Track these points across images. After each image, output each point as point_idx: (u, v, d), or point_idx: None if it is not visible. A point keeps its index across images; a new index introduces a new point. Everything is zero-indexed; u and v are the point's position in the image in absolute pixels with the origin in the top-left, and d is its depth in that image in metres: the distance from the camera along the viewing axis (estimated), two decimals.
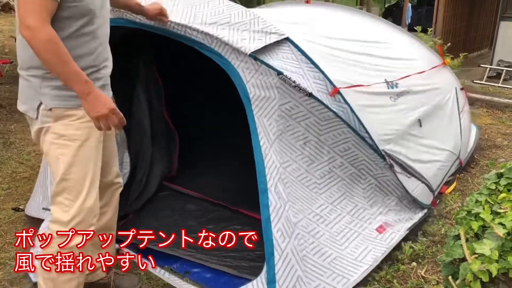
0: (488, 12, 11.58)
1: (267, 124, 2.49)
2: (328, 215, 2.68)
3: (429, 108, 3.61)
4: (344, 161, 2.78)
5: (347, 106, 2.71)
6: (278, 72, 2.48)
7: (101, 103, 1.88)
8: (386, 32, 4.04)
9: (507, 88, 8.05)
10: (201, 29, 2.53)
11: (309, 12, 3.91)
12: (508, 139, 4.98)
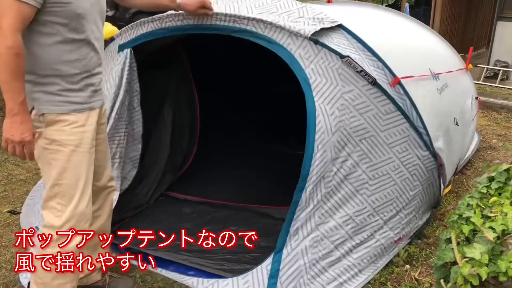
0: (485, 12, 11.62)
1: (329, 113, 2.34)
2: (364, 221, 2.55)
3: (460, 108, 3.59)
4: (401, 163, 2.60)
5: (407, 98, 2.57)
6: (342, 56, 2.32)
7: (19, 129, 1.83)
8: (413, 28, 4.02)
9: (504, 88, 8.07)
10: (252, 16, 2.41)
11: (336, 10, 3.89)
12: (503, 140, 5.00)
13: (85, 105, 2.05)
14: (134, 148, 3.18)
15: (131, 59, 2.90)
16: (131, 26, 2.85)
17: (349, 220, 2.51)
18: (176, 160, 3.70)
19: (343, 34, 2.54)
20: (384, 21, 3.78)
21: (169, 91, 3.52)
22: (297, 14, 2.53)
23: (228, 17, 2.48)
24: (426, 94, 2.93)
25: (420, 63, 3.10)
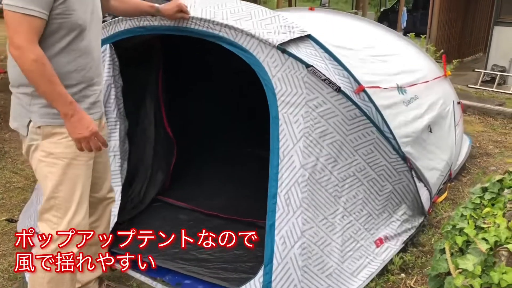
0: (482, 17, 11.67)
1: (293, 121, 2.42)
2: (339, 222, 2.62)
3: (435, 116, 3.65)
4: (366, 164, 2.70)
5: (372, 105, 2.66)
6: (307, 65, 2.40)
7: (83, 126, 1.89)
8: (389, 40, 4.11)
9: (501, 92, 8.11)
10: (224, 23, 2.49)
11: (314, 18, 3.94)
12: (499, 146, 5.02)
13: None
14: (123, 142, 3.21)
15: (111, 53, 2.94)
16: (109, 22, 2.90)
17: (327, 223, 2.57)
18: (162, 156, 3.70)
19: (311, 43, 2.62)
20: (358, 33, 3.86)
21: (150, 86, 3.54)
22: (269, 23, 2.60)
23: (202, 22, 2.55)
24: (392, 105, 3.01)
25: (388, 77, 3.19)
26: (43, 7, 1.79)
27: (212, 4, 2.70)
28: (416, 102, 3.39)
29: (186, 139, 3.96)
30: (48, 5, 1.81)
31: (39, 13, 1.78)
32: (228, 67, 3.62)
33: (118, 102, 3.05)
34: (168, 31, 2.67)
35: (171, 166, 3.81)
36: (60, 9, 1.84)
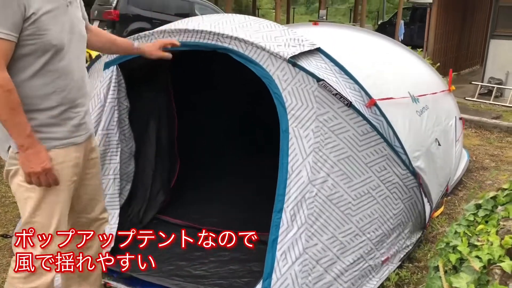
0: (478, 30, 11.77)
1: (303, 135, 2.39)
2: (350, 241, 2.56)
3: (441, 130, 3.65)
4: (380, 182, 2.62)
5: (383, 118, 2.63)
6: (318, 79, 2.37)
7: (38, 161, 1.81)
8: (396, 50, 4.13)
9: (498, 105, 8.16)
10: (234, 35, 2.47)
11: (320, 32, 3.98)
12: (496, 160, 5.03)
13: (65, 141, 1.94)
14: (128, 163, 3.20)
15: (117, 75, 2.94)
16: None
17: (335, 242, 2.52)
18: (162, 177, 3.70)
19: (321, 57, 2.61)
20: (366, 44, 3.87)
21: (154, 107, 3.54)
22: (279, 35, 2.60)
23: (212, 35, 2.54)
24: (404, 116, 3.00)
25: (400, 86, 3.18)
26: (10, 29, 1.70)
27: (220, 20, 2.70)
28: (427, 112, 3.38)
29: (188, 154, 3.96)
30: (16, 26, 1.71)
31: (6, 35, 1.70)
32: (235, 80, 3.63)
33: (122, 125, 3.03)
34: (176, 47, 2.62)
35: (172, 184, 3.81)
36: (30, 30, 1.75)
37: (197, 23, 2.75)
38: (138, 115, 3.32)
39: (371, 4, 25.72)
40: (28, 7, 1.73)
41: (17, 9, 1.70)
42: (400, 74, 3.39)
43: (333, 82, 2.48)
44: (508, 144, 5.66)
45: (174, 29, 2.69)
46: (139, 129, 3.40)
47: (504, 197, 2.28)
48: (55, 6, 1.83)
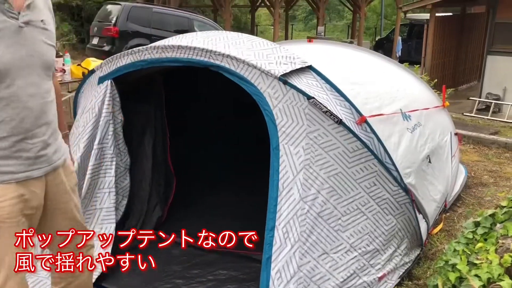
0: (475, 46, 11.86)
1: (294, 152, 2.40)
2: (342, 257, 2.55)
3: (434, 146, 3.64)
4: (370, 198, 2.64)
5: (374, 135, 2.64)
6: (309, 96, 2.40)
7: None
8: (389, 68, 4.15)
9: (496, 120, 8.17)
10: (226, 53, 2.49)
11: (314, 50, 4.00)
12: (494, 176, 5.01)
13: (17, 175, 1.74)
14: (123, 178, 3.19)
15: (112, 90, 2.95)
16: (111, 58, 2.92)
17: (327, 258, 2.51)
18: (159, 192, 3.68)
19: (312, 74, 2.64)
20: (358, 62, 3.90)
21: (149, 121, 3.55)
22: (270, 53, 2.62)
23: (204, 52, 2.56)
24: (395, 133, 3.01)
25: (391, 103, 3.19)
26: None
27: (213, 37, 2.73)
28: (419, 129, 3.39)
29: (182, 170, 3.94)
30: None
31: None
32: (228, 94, 3.64)
33: (117, 138, 3.04)
34: (169, 63, 2.68)
35: (169, 201, 3.78)
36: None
37: (190, 40, 2.77)
38: (133, 129, 3.33)
39: (369, 20, 25.96)
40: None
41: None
42: (392, 92, 3.41)
43: (323, 99, 2.49)
44: (506, 160, 5.64)
45: (168, 45, 2.71)
46: (134, 143, 3.41)
47: (503, 215, 2.26)
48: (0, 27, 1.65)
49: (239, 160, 4.47)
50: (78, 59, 10.11)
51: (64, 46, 12.02)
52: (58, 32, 13.95)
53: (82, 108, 3.08)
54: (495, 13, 8.97)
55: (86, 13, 18.29)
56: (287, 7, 20.06)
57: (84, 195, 2.82)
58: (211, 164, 4.40)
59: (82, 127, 2.94)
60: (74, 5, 17.28)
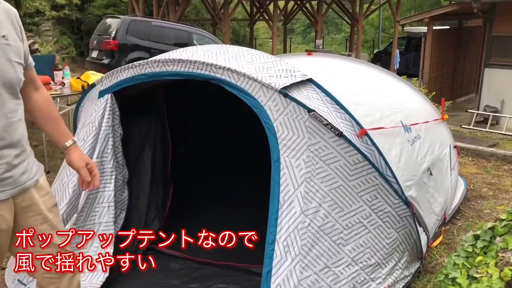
0: (473, 59, 11.95)
1: (295, 165, 2.40)
2: (343, 271, 2.53)
3: (434, 158, 3.64)
4: (372, 211, 2.63)
5: (375, 148, 2.64)
6: (309, 109, 2.40)
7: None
8: (388, 80, 4.17)
9: (494, 132, 8.20)
10: (227, 66, 2.51)
11: (314, 63, 4.03)
12: (493, 189, 5.00)
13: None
14: (122, 191, 3.18)
15: (112, 103, 2.96)
16: (112, 72, 2.92)
17: (329, 272, 2.49)
18: (157, 204, 3.67)
19: (313, 87, 2.65)
20: (358, 74, 3.92)
21: (149, 134, 3.55)
22: (271, 66, 2.63)
23: (205, 66, 2.58)
24: (396, 145, 3.00)
25: (392, 115, 3.20)
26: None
27: (214, 50, 2.74)
28: (419, 141, 3.40)
29: (181, 181, 3.94)
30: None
31: None
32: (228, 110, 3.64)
33: (116, 152, 3.04)
34: (169, 76, 2.69)
35: (166, 210, 3.77)
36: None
37: (191, 53, 2.79)
38: (132, 142, 3.33)
39: (367, 33, 26.14)
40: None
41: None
42: (392, 104, 3.42)
43: (324, 112, 2.50)
44: (505, 172, 5.65)
45: (168, 58, 2.72)
46: (133, 156, 3.40)
47: (502, 228, 2.26)
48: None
49: (240, 173, 4.47)
50: (77, 72, 10.15)
51: (64, 59, 12.06)
52: (58, 45, 14.03)
53: (83, 122, 3.09)
54: (492, 27, 9.06)
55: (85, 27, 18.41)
56: (286, 20, 20.22)
57: (81, 209, 2.82)
58: (211, 177, 4.40)
59: (82, 141, 2.94)
60: (74, 19, 17.39)
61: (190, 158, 4.24)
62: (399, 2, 17.86)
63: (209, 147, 4.49)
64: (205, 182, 4.33)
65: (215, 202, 4.19)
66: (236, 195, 4.27)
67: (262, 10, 17.56)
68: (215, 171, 4.46)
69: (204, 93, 4.04)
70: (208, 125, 4.45)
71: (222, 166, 4.49)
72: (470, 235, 2.33)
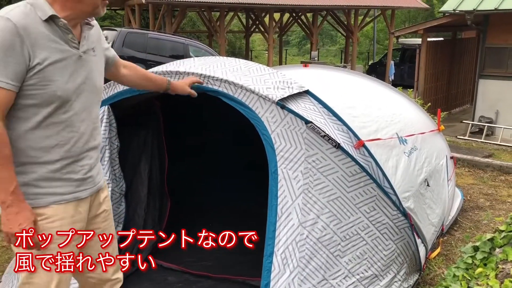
0: (467, 70, 12.05)
1: (292, 177, 2.40)
2: (341, 283, 2.51)
3: (431, 169, 3.64)
4: (369, 223, 2.62)
5: (372, 159, 2.64)
6: (307, 121, 2.40)
7: (17, 221, 1.69)
8: (384, 92, 4.19)
9: (490, 143, 8.23)
10: (224, 78, 2.52)
11: (310, 74, 4.03)
12: (490, 199, 5.00)
13: (66, 196, 1.82)
14: (119, 204, 3.16)
15: (109, 115, 2.95)
16: (108, 84, 2.91)
17: (326, 285, 2.47)
18: (154, 217, 3.64)
19: (310, 99, 2.66)
20: (354, 86, 3.94)
21: (146, 146, 3.54)
22: (268, 78, 2.64)
23: (202, 77, 2.59)
24: (393, 157, 3.01)
25: (388, 127, 3.22)
26: (11, 78, 1.62)
27: (211, 62, 2.75)
28: (415, 153, 3.40)
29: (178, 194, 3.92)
30: (18, 75, 1.63)
31: (6, 84, 1.62)
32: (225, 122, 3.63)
33: (113, 164, 3.03)
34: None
35: (163, 224, 3.74)
36: (35, 79, 1.67)
37: (188, 66, 2.79)
38: (129, 154, 3.31)
39: (361, 45, 26.37)
40: (34, 57, 1.65)
41: (20, 58, 1.63)
42: (389, 115, 3.43)
43: (321, 124, 2.50)
44: (501, 183, 5.66)
45: (166, 71, 2.72)
46: (130, 168, 3.38)
47: (502, 239, 2.25)
48: (64, 56, 1.74)
49: (236, 184, 4.46)
50: None
51: None
52: None
53: None
54: (485, 38, 9.14)
55: None
56: (281, 32, 20.35)
57: None
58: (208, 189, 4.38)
59: None
60: None
61: (187, 169, 4.23)
62: (393, 14, 18.04)
63: (206, 159, 4.48)
64: (203, 192, 4.31)
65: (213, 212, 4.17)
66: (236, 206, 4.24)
67: (258, 22, 17.69)
68: (212, 183, 4.44)
69: (202, 105, 4.04)
70: (206, 137, 4.45)
71: (219, 178, 4.48)
72: (470, 247, 2.32)
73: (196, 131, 4.39)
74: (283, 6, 15.53)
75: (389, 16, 17.96)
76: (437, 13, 18.79)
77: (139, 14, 15.68)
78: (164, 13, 14.26)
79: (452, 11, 8.91)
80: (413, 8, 19.19)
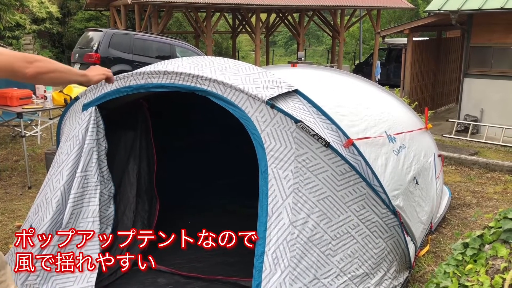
0: (452, 69, 12.18)
1: (282, 176, 2.39)
2: (332, 282, 2.52)
3: (419, 168, 3.66)
4: (359, 221, 2.63)
5: (361, 158, 2.64)
6: (296, 120, 2.40)
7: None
8: (371, 91, 4.20)
9: (475, 141, 8.32)
10: (213, 78, 2.50)
11: (298, 74, 4.03)
12: (477, 197, 5.06)
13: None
14: (107, 206, 3.13)
15: (96, 117, 2.92)
16: (96, 85, 2.88)
17: (318, 284, 2.47)
18: (143, 219, 3.61)
19: (299, 98, 2.66)
20: (343, 85, 3.95)
21: (134, 148, 3.51)
22: (257, 79, 2.63)
23: (191, 77, 2.57)
24: (382, 155, 3.02)
25: (376, 125, 3.23)
26: None
27: (199, 62, 2.73)
28: (404, 151, 3.42)
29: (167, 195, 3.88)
30: None
31: None
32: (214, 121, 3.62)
33: (101, 166, 3.00)
34: (154, 88, 2.67)
35: (153, 226, 3.71)
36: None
37: (176, 65, 2.77)
38: (117, 155, 3.28)
39: (348, 45, 26.50)
40: None
41: None
42: (377, 114, 3.44)
43: (310, 123, 2.50)
44: (488, 180, 5.73)
45: (154, 71, 2.70)
46: (119, 170, 3.35)
47: (491, 235, 2.27)
48: None
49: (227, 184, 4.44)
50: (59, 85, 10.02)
51: None
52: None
53: (66, 136, 3.03)
54: (470, 38, 9.24)
55: (66, 40, 18.26)
56: (268, 32, 20.36)
57: (65, 224, 2.75)
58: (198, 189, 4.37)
59: (65, 155, 2.89)
60: (55, 32, 17.25)
61: (175, 169, 4.19)
62: (379, 14, 18.16)
63: (196, 158, 4.45)
64: (193, 194, 4.29)
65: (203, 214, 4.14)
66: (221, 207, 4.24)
67: (245, 22, 17.68)
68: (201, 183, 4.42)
69: (190, 105, 4.02)
70: (195, 137, 4.42)
71: (208, 179, 4.46)
72: (459, 243, 2.33)
73: (184, 132, 4.36)
74: (269, 6, 15.54)
75: (375, 16, 18.08)
76: (422, 13, 18.98)
77: (125, 14, 15.56)
78: (150, 14, 14.17)
79: (437, 10, 8.99)
80: (398, 8, 19.34)
